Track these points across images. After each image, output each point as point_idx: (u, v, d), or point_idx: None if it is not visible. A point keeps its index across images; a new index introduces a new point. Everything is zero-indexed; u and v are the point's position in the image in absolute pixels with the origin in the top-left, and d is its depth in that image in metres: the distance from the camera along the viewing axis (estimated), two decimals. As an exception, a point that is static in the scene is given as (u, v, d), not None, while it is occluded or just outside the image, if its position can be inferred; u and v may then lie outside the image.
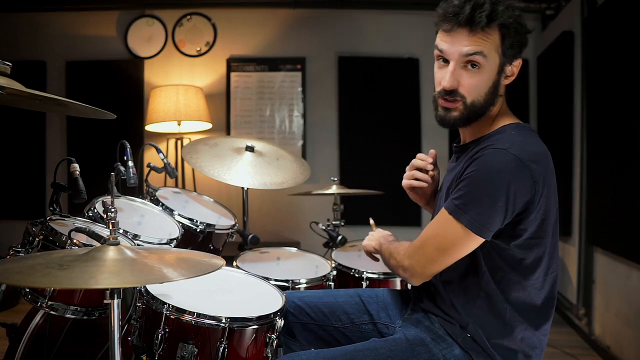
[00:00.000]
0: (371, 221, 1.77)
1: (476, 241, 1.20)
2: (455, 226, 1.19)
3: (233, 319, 1.29)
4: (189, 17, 4.29)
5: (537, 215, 1.20)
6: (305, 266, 2.03)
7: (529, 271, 1.25)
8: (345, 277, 2.03)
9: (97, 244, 1.09)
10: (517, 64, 1.27)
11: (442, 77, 1.25)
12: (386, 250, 1.44)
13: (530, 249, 1.23)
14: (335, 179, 2.55)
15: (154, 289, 1.36)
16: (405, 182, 1.52)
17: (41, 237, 1.41)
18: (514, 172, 1.16)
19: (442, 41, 1.25)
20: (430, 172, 1.50)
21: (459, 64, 1.23)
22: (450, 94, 1.25)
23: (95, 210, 1.60)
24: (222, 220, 2.07)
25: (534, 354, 1.29)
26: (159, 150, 2.07)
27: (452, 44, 1.22)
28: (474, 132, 1.33)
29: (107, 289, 1.02)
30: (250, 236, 2.06)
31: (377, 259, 1.60)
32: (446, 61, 1.25)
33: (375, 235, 1.57)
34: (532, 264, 1.24)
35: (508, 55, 1.24)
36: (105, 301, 1.03)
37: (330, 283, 1.90)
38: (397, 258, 1.36)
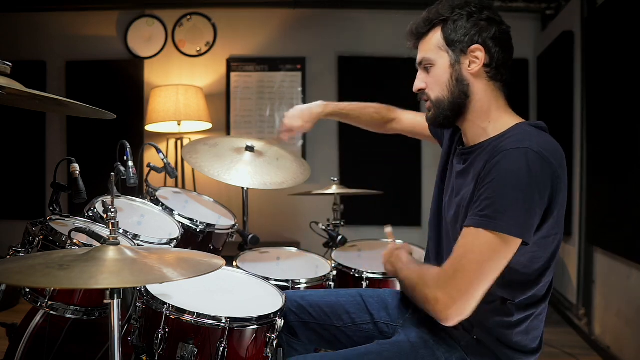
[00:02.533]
0: (387, 229, 1.55)
1: (515, 246, 1.14)
2: (490, 238, 1.13)
3: (233, 319, 1.29)
4: (189, 17, 4.29)
5: (559, 212, 1.18)
6: (305, 266, 2.03)
7: (542, 271, 1.21)
8: (345, 277, 2.03)
9: (97, 244, 1.09)
10: (475, 48, 1.26)
11: None
12: (407, 280, 1.30)
13: (546, 247, 1.20)
14: (335, 179, 2.55)
15: (154, 289, 1.36)
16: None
17: (41, 237, 1.40)
18: (538, 169, 1.13)
19: None
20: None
21: (422, 70, 1.36)
22: (422, 95, 1.37)
23: (95, 210, 1.60)
24: (222, 220, 2.07)
25: (537, 345, 1.29)
26: (159, 150, 2.07)
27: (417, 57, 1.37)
28: (475, 131, 1.30)
29: (107, 289, 1.02)
30: (250, 236, 2.05)
31: None
32: None
33: (391, 258, 1.42)
34: (546, 262, 1.21)
35: (457, 47, 1.27)
36: (105, 301, 1.03)
37: (330, 283, 1.90)
38: (424, 289, 1.20)
